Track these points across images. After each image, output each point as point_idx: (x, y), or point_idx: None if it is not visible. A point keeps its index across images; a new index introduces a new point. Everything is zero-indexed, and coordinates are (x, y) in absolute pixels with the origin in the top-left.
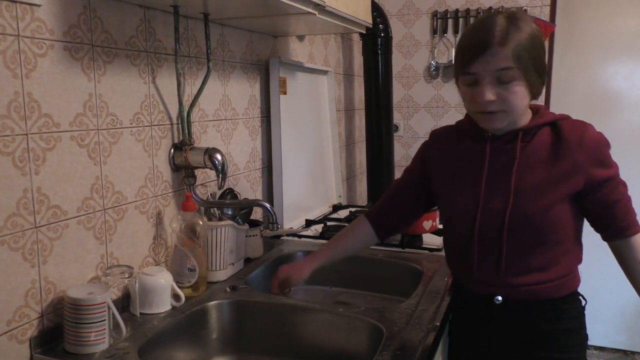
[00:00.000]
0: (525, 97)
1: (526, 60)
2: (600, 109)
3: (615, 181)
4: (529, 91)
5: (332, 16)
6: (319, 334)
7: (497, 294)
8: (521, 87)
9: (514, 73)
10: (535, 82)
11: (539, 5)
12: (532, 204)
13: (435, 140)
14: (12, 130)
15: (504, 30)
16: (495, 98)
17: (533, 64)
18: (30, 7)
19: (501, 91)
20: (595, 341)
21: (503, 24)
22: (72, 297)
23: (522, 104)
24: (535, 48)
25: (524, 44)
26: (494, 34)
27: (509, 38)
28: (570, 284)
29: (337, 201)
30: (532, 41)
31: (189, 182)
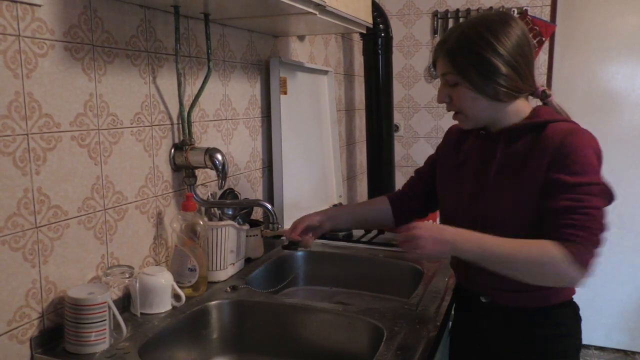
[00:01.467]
0: (475, 99)
1: (462, 63)
2: (600, 108)
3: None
4: (479, 93)
5: (332, 16)
6: (319, 334)
7: (484, 293)
8: (466, 90)
9: (453, 77)
10: (481, 83)
11: (540, 5)
12: (503, 207)
13: (448, 135)
14: (13, 130)
15: (447, 35)
16: (447, 99)
17: (472, 65)
18: (31, 7)
19: (451, 93)
20: (595, 341)
21: (452, 29)
22: (72, 297)
23: (474, 107)
24: (470, 49)
25: (456, 46)
26: (444, 40)
27: (447, 43)
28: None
29: (338, 201)
30: (465, 43)
31: (190, 182)
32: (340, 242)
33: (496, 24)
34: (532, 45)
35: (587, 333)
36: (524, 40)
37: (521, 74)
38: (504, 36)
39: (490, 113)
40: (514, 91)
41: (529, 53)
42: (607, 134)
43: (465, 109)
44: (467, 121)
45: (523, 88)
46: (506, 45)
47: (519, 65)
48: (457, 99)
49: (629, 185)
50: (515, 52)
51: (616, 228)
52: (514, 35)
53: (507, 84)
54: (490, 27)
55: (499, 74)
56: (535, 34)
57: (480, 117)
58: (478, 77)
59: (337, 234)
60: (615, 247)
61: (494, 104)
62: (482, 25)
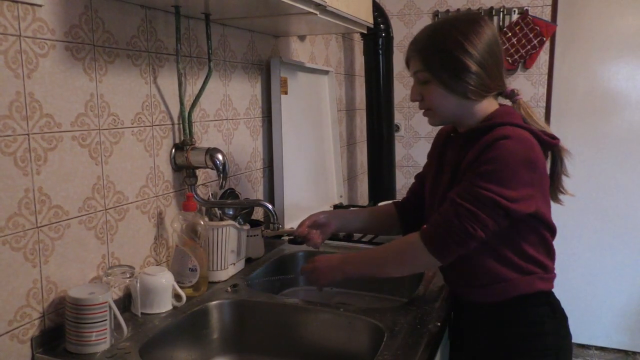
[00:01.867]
0: (444, 97)
1: (432, 61)
2: (601, 108)
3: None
4: (449, 90)
5: (333, 16)
6: (320, 334)
7: (455, 292)
8: (436, 87)
9: (424, 75)
10: (450, 81)
11: (540, 5)
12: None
13: (435, 140)
14: (14, 130)
15: (419, 35)
16: (419, 97)
17: (442, 63)
18: (32, 7)
19: (422, 91)
20: (596, 341)
21: (426, 30)
22: (73, 297)
23: (444, 104)
24: (440, 48)
25: (427, 45)
26: (415, 40)
27: (418, 42)
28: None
29: (338, 201)
30: (436, 42)
31: (190, 182)
32: (340, 242)
33: (466, 24)
34: (501, 46)
35: (587, 333)
36: (493, 41)
37: (490, 73)
38: (473, 36)
39: (459, 111)
40: (483, 90)
41: (498, 53)
42: (607, 134)
43: (435, 107)
44: (436, 118)
45: (492, 87)
46: (476, 44)
47: (488, 64)
48: (428, 96)
49: (629, 185)
50: (485, 52)
51: (616, 229)
52: (484, 35)
53: (476, 82)
54: (460, 27)
55: (468, 72)
56: (536, 34)
57: (449, 115)
58: (448, 75)
59: (338, 234)
60: (615, 248)
61: (462, 102)
62: (453, 25)
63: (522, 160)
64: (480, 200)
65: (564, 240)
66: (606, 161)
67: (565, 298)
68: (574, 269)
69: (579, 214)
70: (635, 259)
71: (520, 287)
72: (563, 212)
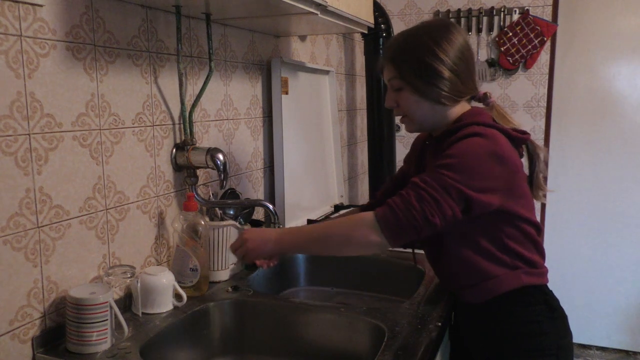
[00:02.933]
0: (418, 103)
1: (404, 68)
2: (602, 109)
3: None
4: (422, 97)
5: (333, 16)
6: (320, 334)
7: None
8: (409, 94)
9: (397, 82)
10: (422, 87)
11: (541, 5)
12: None
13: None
14: (15, 130)
15: (391, 42)
16: (395, 104)
17: (414, 70)
18: (33, 7)
19: (397, 98)
20: (597, 341)
21: (398, 38)
22: (74, 296)
23: (418, 110)
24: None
25: (399, 53)
26: (387, 47)
27: (390, 49)
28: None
29: (339, 201)
30: (408, 49)
31: (191, 182)
32: None
33: (437, 31)
34: (472, 51)
35: (588, 333)
36: (464, 46)
37: (462, 79)
38: (445, 42)
39: (433, 116)
40: (456, 95)
41: (469, 58)
42: (608, 134)
43: (409, 113)
44: (412, 125)
45: (464, 91)
46: (447, 51)
47: (460, 70)
48: (403, 103)
49: (630, 184)
50: (457, 58)
51: (617, 228)
52: (455, 42)
53: (448, 87)
54: (432, 34)
55: (440, 78)
56: (537, 33)
57: (424, 121)
58: (421, 82)
59: None
60: (616, 247)
61: (436, 107)
62: (424, 32)
63: (488, 153)
64: (445, 188)
65: (565, 240)
66: (607, 161)
67: (566, 298)
68: (575, 268)
69: (580, 214)
70: (636, 259)
71: (507, 282)
72: (564, 211)
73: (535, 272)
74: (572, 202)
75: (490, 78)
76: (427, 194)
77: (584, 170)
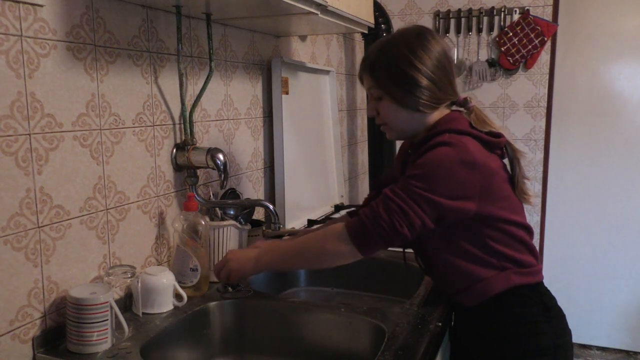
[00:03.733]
0: (397, 111)
1: (382, 76)
2: (603, 109)
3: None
4: (401, 105)
5: (334, 16)
6: (321, 334)
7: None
8: (388, 102)
9: (376, 91)
10: (400, 96)
11: (542, 5)
12: None
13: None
14: (15, 130)
15: (369, 52)
16: (375, 112)
17: (392, 79)
18: (33, 7)
19: (377, 107)
20: (597, 341)
21: (375, 47)
22: (74, 296)
23: (397, 118)
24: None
25: (377, 62)
26: (365, 57)
27: (367, 59)
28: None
29: (339, 201)
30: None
31: (191, 182)
32: None
33: (413, 40)
34: (450, 57)
35: (588, 333)
36: (441, 53)
37: (440, 86)
38: (421, 51)
39: (412, 124)
40: (434, 102)
41: (447, 65)
42: (608, 134)
43: (389, 121)
44: (392, 132)
45: (443, 98)
46: (424, 59)
47: (438, 77)
48: (382, 111)
49: (631, 185)
50: (433, 66)
51: (618, 228)
52: (432, 49)
53: (426, 95)
54: (408, 43)
55: (418, 86)
56: (537, 33)
57: (404, 129)
58: (398, 91)
59: None
60: (617, 247)
61: (415, 115)
62: (400, 41)
63: (456, 162)
64: (413, 198)
65: (565, 240)
66: (607, 161)
67: (566, 298)
68: (575, 268)
69: (580, 213)
70: (636, 259)
71: (497, 283)
72: (564, 211)
73: (526, 271)
74: (573, 202)
75: (491, 78)
76: (395, 204)
77: (584, 170)
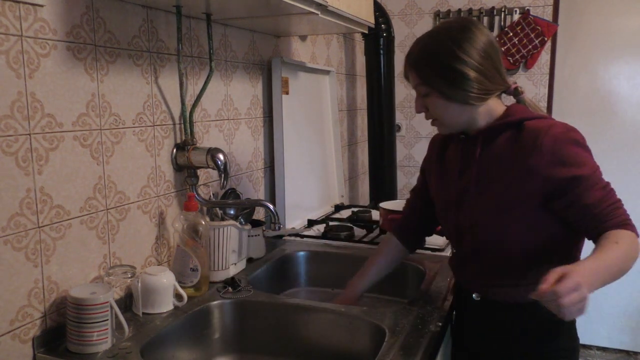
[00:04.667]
0: (447, 106)
1: (428, 72)
2: (602, 108)
3: (589, 181)
4: (450, 100)
5: (334, 16)
6: (321, 334)
7: (474, 290)
8: (437, 98)
9: (423, 88)
10: (448, 91)
11: (542, 5)
12: (487, 207)
13: (431, 144)
14: (16, 130)
15: (412, 48)
16: (424, 110)
17: (438, 75)
18: (34, 7)
19: (426, 103)
20: (598, 341)
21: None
22: (74, 296)
23: (448, 113)
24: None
25: (422, 58)
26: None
27: (412, 55)
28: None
29: (340, 201)
30: (429, 54)
31: (192, 182)
32: (341, 242)
33: (458, 32)
34: (497, 46)
35: (589, 333)
36: (487, 44)
37: (489, 76)
38: (466, 42)
39: (464, 117)
40: (484, 94)
41: (494, 55)
42: (608, 134)
43: (439, 116)
44: (444, 127)
45: (492, 89)
46: (469, 51)
47: (486, 68)
48: (431, 107)
49: (631, 185)
50: (480, 57)
51: None
52: (477, 40)
53: (475, 88)
54: (452, 36)
55: (466, 80)
56: (538, 33)
57: (456, 122)
58: (446, 86)
59: (339, 234)
60: None
61: (466, 108)
62: (444, 34)
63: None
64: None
65: None
66: (607, 161)
67: None
68: None
69: None
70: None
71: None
72: None
73: None
74: None
75: None
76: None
77: None
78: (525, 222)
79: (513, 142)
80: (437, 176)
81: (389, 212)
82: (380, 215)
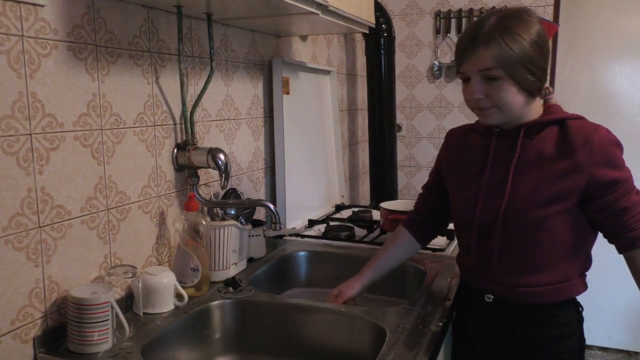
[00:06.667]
0: (516, 95)
1: (513, 61)
2: (603, 108)
3: (626, 186)
4: (521, 89)
5: (335, 16)
6: (322, 334)
7: (489, 291)
8: (509, 86)
9: (498, 72)
10: (527, 82)
11: (543, 5)
12: (524, 201)
13: (448, 139)
14: (16, 130)
15: (490, 31)
16: (484, 96)
17: (523, 63)
18: (34, 7)
19: (489, 89)
20: (598, 342)
21: (492, 24)
22: (75, 296)
23: (514, 101)
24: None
25: (511, 45)
26: (480, 34)
27: (492, 39)
28: (566, 292)
29: (340, 201)
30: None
31: (192, 182)
32: (342, 242)
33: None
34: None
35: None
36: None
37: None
38: (544, 36)
39: (523, 108)
40: (541, 89)
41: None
42: None
43: (502, 104)
44: (499, 116)
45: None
46: (548, 45)
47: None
48: (495, 93)
49: None
50: (549, 52)
51: None
52: (543, 34)
53: (544, 81)
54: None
55: (544, 72)
56: None
57: (514, 112)
58: (527, 75)
59: (340, 234)
60: None
61: (528, 100)
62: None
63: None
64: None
65: None
66: None
67: None
68: None
69: None
70: None
71: (578, 288)
72: None
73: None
74: None
75: None
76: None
77: None
78: (561, 218)
79: (560, 138)
80: (457, 171)
81: (390, 212)
82: (381, 215)
